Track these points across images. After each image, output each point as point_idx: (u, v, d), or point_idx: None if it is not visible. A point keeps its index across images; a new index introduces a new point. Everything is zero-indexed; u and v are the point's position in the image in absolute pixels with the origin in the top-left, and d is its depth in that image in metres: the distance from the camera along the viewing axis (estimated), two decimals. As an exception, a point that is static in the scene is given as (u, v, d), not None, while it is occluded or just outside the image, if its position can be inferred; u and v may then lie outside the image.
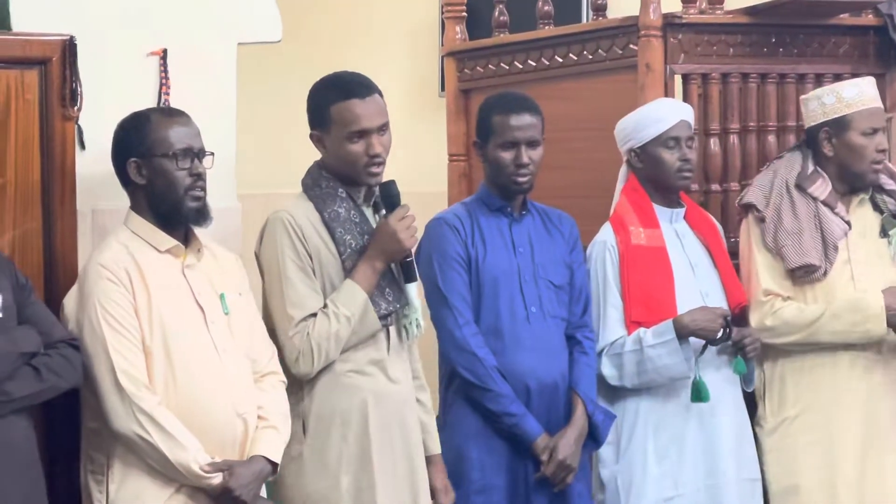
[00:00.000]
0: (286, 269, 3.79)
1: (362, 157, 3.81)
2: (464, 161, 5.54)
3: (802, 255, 4.42)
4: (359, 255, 3.81)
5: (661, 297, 4.30)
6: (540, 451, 4.13)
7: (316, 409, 3.81)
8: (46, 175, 3.77)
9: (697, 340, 4.26)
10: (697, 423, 4.32)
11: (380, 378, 3.86)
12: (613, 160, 4.72)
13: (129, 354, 3.54)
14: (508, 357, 4.15)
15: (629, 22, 4.81)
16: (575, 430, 4.17)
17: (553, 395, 4.20)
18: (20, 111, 3.74)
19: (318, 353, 3.77)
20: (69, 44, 3.78)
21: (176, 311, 3.62)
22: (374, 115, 3.83)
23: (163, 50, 4.06)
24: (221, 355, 3.65)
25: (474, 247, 4.18)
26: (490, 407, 4.12)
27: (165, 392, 3.57)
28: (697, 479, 4.31)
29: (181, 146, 3.64)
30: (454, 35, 5.60)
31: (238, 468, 3.59)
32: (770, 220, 4.47)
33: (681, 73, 4.80)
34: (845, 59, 5.02)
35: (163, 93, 4.03)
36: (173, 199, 3.64)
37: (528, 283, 4.21)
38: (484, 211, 4.24)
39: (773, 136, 4.93)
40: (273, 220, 3.84)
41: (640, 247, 4.34)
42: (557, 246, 4.28)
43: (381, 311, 3.82)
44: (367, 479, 3.81)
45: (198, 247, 3.73)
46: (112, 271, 3.58)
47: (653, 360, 4.24)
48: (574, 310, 4.28)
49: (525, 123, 4.17)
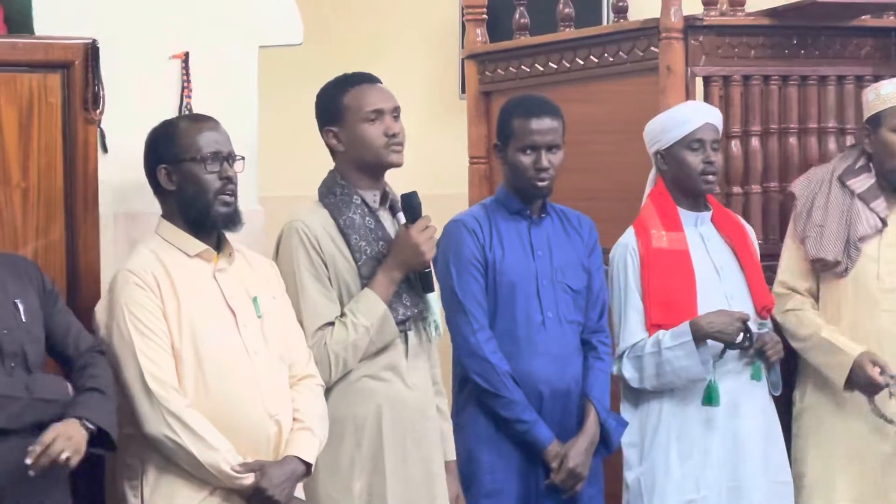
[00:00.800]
0: (302, 278, 3.81)
1: (380, 137, 3.84)
2: (484, 164, 5.54)
3: (819, 249, 4.45)
4: (375, 262, 3.82)
5: (681, 300, 4.30)
6: (551, 459, 4.13)
7: (331, 414, 3.81)
8: (69, 179, 3.78)
9: (717, 343, 4.26)
10: (720, 426, 4.31)
11: (396, 384, 3.86)
12: (634, 163, 4.72)
13: (156, 357, 3.55)
14: (523, 362, 4.14)
15: (650, 24, 4.81)
16: (586, 438, 4.17)
17: (566, 401, 4.19)
18: (43, 115, 3.76)
19: (335, 362, 3.78)
20: (91, 47, 3.79)
21: (206, 315, 3.63)
22: (386, 98, 3.88)
23: (185, 53, 4.06)
24: (252, 357, 3.65)
25: (492, 250, 4.18)
26: (502, 413, 4.12)
27: (196, 394, 3.58)
28: (720, 480, 4.30)
29: (210, 150, 3.65)
30: (475, 37, 5.61)
31: (270, 468, 3.60)
32: (802, 209, 4.51)
33: (702, 76, 4.79)
34: (867, 60, 5.01)
35: (185, 96, 4.04)
36: (203, 203, 3.65)
37: (546, 287, 4.20)
38: (503, 213, 4.24)
39: (795, 139, 4.91)
40: (288, 230, 3.85)
41: (661, 250, 4.34)
42: (576, 249, 4.27)
43: (399, 317, 3.83)
44: (379, 484, 3.81)
45: (229, 251, 3.74)
46: (139, 276, 3.59)
47: (671, 362, 4.24)
48: (590, 314, 4.27)
49: (545, 127, 4.16)
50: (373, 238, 3.85)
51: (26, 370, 3.46)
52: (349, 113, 3.86)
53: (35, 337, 3.50)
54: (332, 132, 3.90)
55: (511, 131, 4.20)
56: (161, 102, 3.97)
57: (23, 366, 3.46)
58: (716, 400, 4.26)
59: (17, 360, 3.44)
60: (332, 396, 3.82)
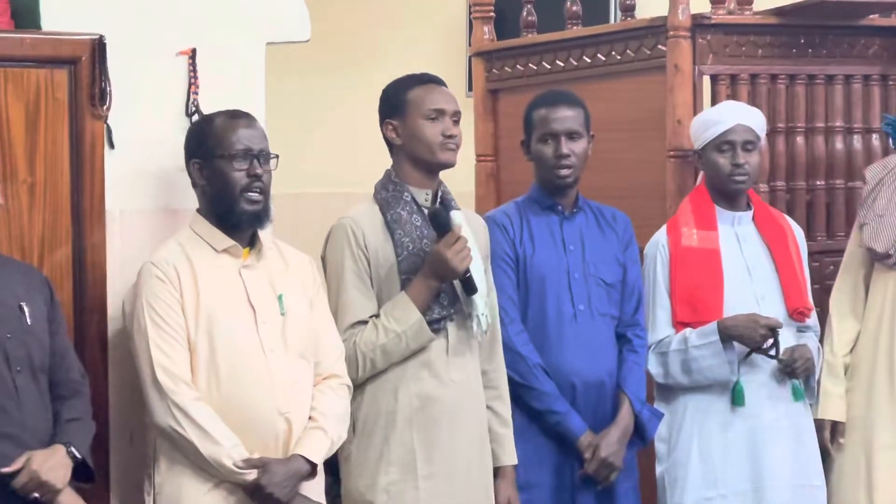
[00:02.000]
0: (343, 274, 3.84)
1: (437, 135, 3.87)
2: (491, 161, 5.54)
3: (872, 239, 4.41)
4: (415, 258, 3.84)
5: (708, 299, 4.31)
6: (584, 449, 4.13)
7: (364, 411, 3.85)
8: (76, 175, 3.78)
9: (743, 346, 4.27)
10: (744, 426, 4.31)
11: (429, 381, 3.86)
12: (641, 160, 4.72)
13: (169, 350, 3.58)
14: (554, 355, 4.16)
15: (658, 22, 4.81)
16: (619, 428, 4.17)
17: (599, 394, 4.20)
18: (50, 110, 3.76)
19: (362, 362, 3.81)
20: (99, 43, 3.79)
21: (225, 310, 3.65)
22: (450, 100, 3.93)
23: (192, 49, 4.06)
24: (268, 355, 3.66)
25: (522, 245, 4.20)
26: (534, 405, 4.14)
27: (208, 389, 3.61)
28: (741, 481, 4.30)
29: (240, 147, 3.67)
30: (482, 35, 5.61)
31: (273, 465, 3.60)
32: (867, 196, 4.48)
33: (709, 74, 4.79)
34: (875, 60, 5.01)
35: (192, 92, 4.04)
36: (229, 199, 3.67)
37: (578, 281, 4.21)
38: (535, 209, 4.26)
39: (802, 138, 4.92)
40: (338, 227, 3.89)
41: (690, 248, 4.35)
42: (611, 244, 4.29)
43: (434, 316, 3.83)
44: (412, 481, 3.82)
45: (260, 247, 3.75)
46: (161, 269, 3.63)
47: (697, 361, 4.26)
48: (625, 308, 4.29)
49: (563, 115, 4.19)
50: (417, 235, 3.86)
51: (32, 375, 3.47)
52: (411, 108, 3.89)
53: (40, 341, 3.51)
54: (392, 125, 3.92)
55: (532, 124, 4.24)
56: (168, 99, 3.97)
57: (28, 370, 3.47)
58: (741, 401, 4.27)
59: (23, 364, 3.45)
60: (367, 393, 3.86)
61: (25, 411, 3.43)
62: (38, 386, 3.49)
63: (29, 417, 3.44)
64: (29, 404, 3.44)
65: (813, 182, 4.93)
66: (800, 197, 4.91)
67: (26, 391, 3.45)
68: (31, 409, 3.45)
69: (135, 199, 3.92)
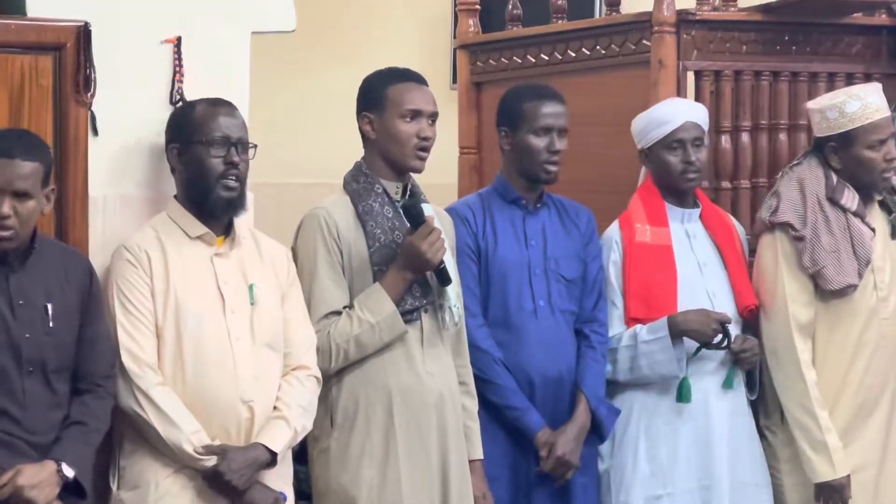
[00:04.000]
0: (316, 265, 3.84)
1: (413, 137, 3.87)
2: (475, 154, 5.55)
3: (844, 276, 4.33)
4: (387, 249, 3.84)
5: (661, 295, 4.30)
6: (540, 446, 4.14)
7: (343, 403, 3.86)
8: (59, 161, 3.77)
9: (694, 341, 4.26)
10: (691, 425, 4.30)
11: (407, 374, 3.87)
12: (624, 156, 4.72)
13: (136, 334, 3.60)
14: (514, 350, 4.16)
15: (643, 17, 4.82)
16: (575, 426, 4.18)
17: (558, 390, 4.21)
18: (34, 97, 3.74)
19: (335, 352, 3.81)
20: (84, 30, 3.78)
21: (194, 297, 3.66)
22: (429, 101, 3.92)
23: (177, 38, 4.05)
24: (234, 343, 3.67)
25: (485, 238, 4.19)
26: (493, 400, 4.14)
27: (173, 374, 3.62)
28: (689, 479, 4.29)
29: (218, 134, 3.69)
30: (467, 28, 5.61)
31: (232, 453, 3.61)
32: (808, 241, 4.35)
33: (693, 70, 4.80)
34: (858, 58, 5.02)
35: (176, 80, 4.03)
36: (204, 185, 3.68)
37: (538, 276, 4.21)
38: (498, 202, 4.26)
39: (785, 135, 4.93)
40: (309, 217, 3.89)
41: (643, 244, 4.34)
42: (572, 239, 4.29)
43: (407, 307, 3.83)
44: (394, 473, 3.83)
45: (235, 236, 3.76)
46: (133, 253, 3.65)
47: (646, 356, 4.25)
48: (585, 304, 4.28)
49: (558, 111, 4.22)
50: (389, 227, 3.87)
51: (44, 377, 3.47)
52: (389, 105, 3.89)
53: (60, 343, 3.50)
54: (368, 118, 3.93)
55: (521, 115, 4.22)
56: (153, 86, 3.96)
57: (41, 373, 3.46)
58: (687, 397, 4.26)
59: (35, 365, 3.45)
60: (345, 386, 3.86)
61: (29, 414, 3.43)
62: (51, 388, 3.48)
63: (32, 420, 3.43)
64: (34, 407, 3.44)
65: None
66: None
67: (34, 394, 3.44)
68: (36, 412, 3.44)
69: (118, 185, 3.91)
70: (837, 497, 4.36)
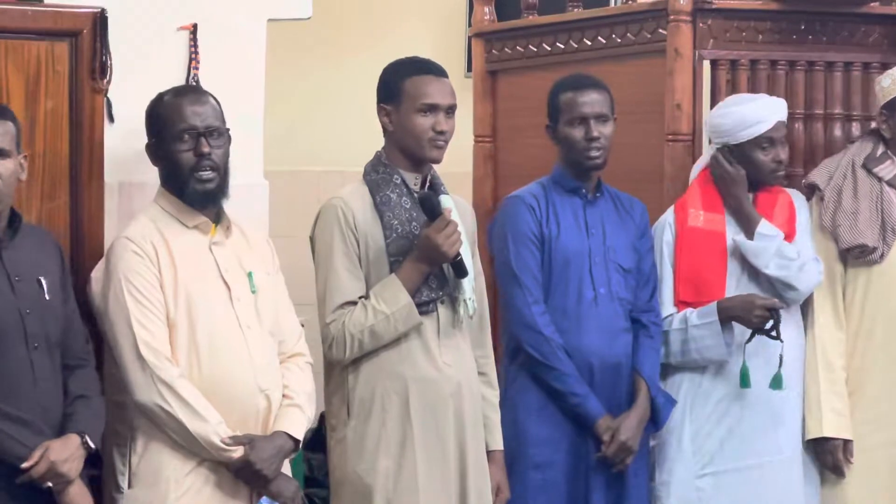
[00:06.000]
0: (333, 255, 3.83)
1: (428, 131, 3.85)
2: (490, 142, 5.54)
3: (857, 236, 4.41)
4: (404, 240, 3.84)
5: (710, 280, 4.34)
6: (602, 432, 4.18)
7: (359, 393, 3.85)
8: (75, 148, 3.78)
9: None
10: (739, 405, 4.33)
11: (423, 364, 3.86)
12: (640, 144, 4.72)
13: (151, 326, 3.57)
14: (574, 337, 4.20)
15: (659, 6, 4.80)
16: (638, 412, 4.22)
17: (616, 377, 4.25)
18: (50, 83, 3.76)
19: (350, 342, 3.79)
20: (100, 17, 3.79)
21: (201, 287, 3.65)
22: (446, 94, 3.89)
23: (193, 25, 4.06)
24: (245, 332, 3.67)
25: (548, 226, 4.24)
26: (555, 385, 4.17)
27: (189, 365, 3.60)
28: (738, 458, 4.33)
29: (183, 126, 3.64)
30: (482, 16, 5.60)
31: (259, 442, 3.61)
32: (829, 200, 4.47)
33: (709, 59, 4.79)
34: (875, 47, 5.00)
35: (192, 68, 4.04)
36: (180, 180, 3.66)
37: (598, 265, 4.25)
38: (559, 191, 4.30)
39: (801, 124, 4.91)
40: (327, 207, 3.87)
41: (695, 229, 4.38)
42: (628, 230, 4.34)
43: (423, 298, 3.83)
44: (410, 464, 3.82)
45: (227, 224, 3.75)
46: (138, 244, 3.61)
47: (696, 341, 4.29)
48: (640, 294, 4.33)
49: (593, 99, 4.25)
50: (406, 218, 3.86)
51: (48, 350, 3.48)
52: (405, 98, 3.87)
53: (56, 315, 3.53)
54: (386, 110, 3.91)
55: (559, 107, 4.27)
56: (168, 73, 3.98)
57: (45, 346, 3.48)
58: (746, 383, 4.28)
59: (40, 340, 3.47)
60: (362, 376, 3.85)
61: (40, 389, 3.44)
62: (53, 361, 3.51)
63: (43, 396, 3.45)
64: (43, 381, 3.46)
65: (811, 168, 4.91)
66: (797, 183, 4.90)
67: (42, 368, 3.46)
68: (46, 386, 3.46)
69: (133, 172, 3.92)
70: (829, 458, 4.41)
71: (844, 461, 4.43)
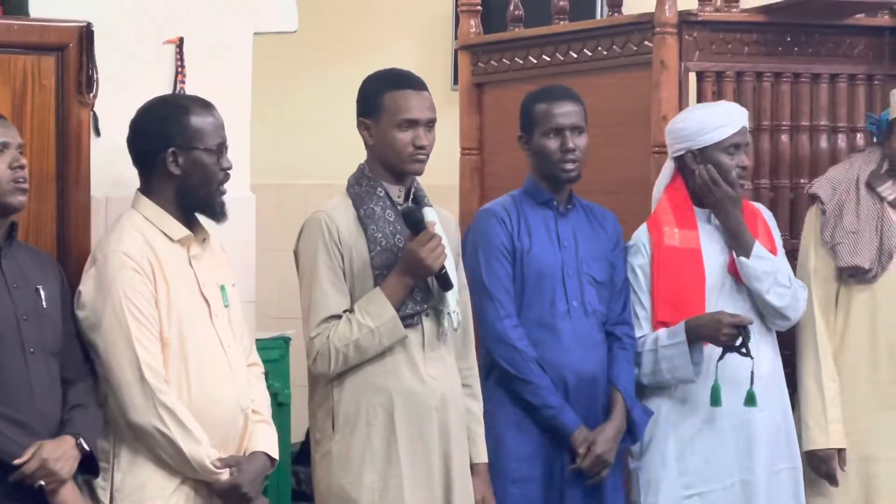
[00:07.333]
0: (317, 268, 3.82)
1: (408, 146, 3.84)
2: (476, 154, 5.54)
3: (854, 256, 4.41)
4: (388, 253, 3.83)
5: (688, 299, 4.30)
6: (578, 444, 4.16)
7: (344, 407, 3.84)
8: (61, 161, 3.77)
9: None
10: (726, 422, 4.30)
11: (408, 377, 3.85)
12: (626, 156, 4.73)
13: (151, 348, 3.56)
14: (548, 350, 4.18)
15: (644, 18, 4.81)
16: (614, 425, 4.20)
17: (591, 389, 4.23)
18: (36, 97, 3.75)
19: (335, 357, 3.79)
20: (86, 30, 3.79)
21: (188, 303, 3.64)
22: (425, 108, 3.88)
23: (179, 39, 4.06)
24: (226, 350, 3.68)
25: (520, 239, 4.22)
26: (529, 399, 4.16)
27: (178, 385, 3.59)
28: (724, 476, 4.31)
29: (218, 140, 3.66)
30: (468, 29, 5.60)
31: (245, 464, 3.63)
32: (831, 215, 4.47)
33: (695, 71, 4.79)
34: (860, 59, 5.02)
35: (178, 81, 4.04)
36: (206, 192, 3.66)
37: (571, 277, 4.24)
38: (531, 203, 4.28)
39: (787, 136, 4.92)
40: (311, 220, 3.87)
41: (673, 248, 4.34)
42: (601, 242, 4.32)
43: (407, 311, 3.83)
44: (395, 477, 3.82)
45: (203, 237, 3.74)
46: (136, 261, 3.59)
47: (666, 360, 4.26)
48: (613, 307, 4.31)
49: (568, 110, 4.23)
50: (390, 231, 3.86)
51: (45, 357, 3.48)
52: (385, 113, 3.86)
53: (54, 324, 3.52)
54: (366, 124, 3.91)
55: (534, 118, 4.25)
56: (154, 87, 3.97)
57: (42, 352, 3.47)
58: (717, 401, 4.25)
59: (37, 346, 3.46)
60: (347, 389, 3.84)
61: (36, 394, 3.44)
62: (49, 368, 3.50)
63: (39, 401, 3.45)
64: (40, 387, 3.45)
65: (797, 180, 4.93)
66: (783, 195, 4.92)
67: (38, 374, 3.46)
68: (42, 391, 3.46)
69: (120, 186, 3.91)
70: (824, 467, 4.43)
71: (837, 469, 4.44)
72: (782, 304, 4.34)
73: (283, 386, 4.99)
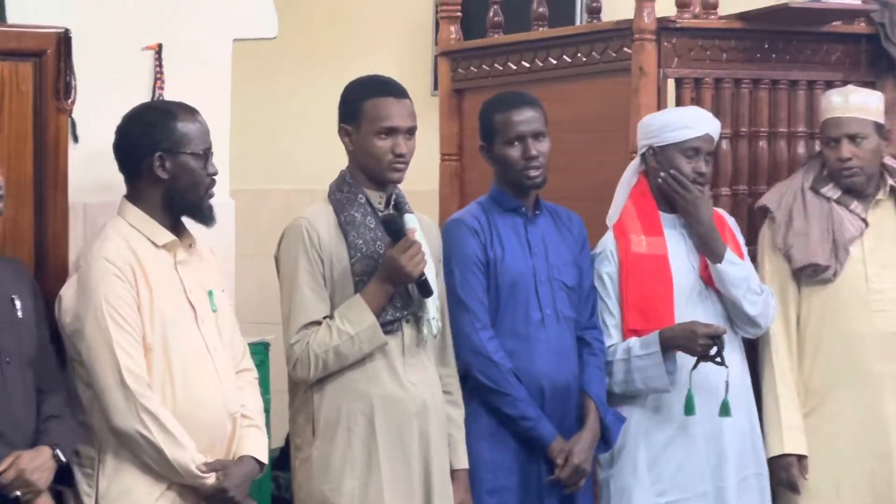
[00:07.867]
0: (297, 275, 3.82)
1: (387, 153, 3.84)
2: (456, 160, 5.54)
3: (808, 255, 4.45)
4: (369, 260, 3.83)
5: (658, 306, 4.30)
6: (556, 455, 4.14)
7: (324, 413, 3.84)
8: (39, 168, 3.77)
9: None
10: (698, 429, 4.31)
11: (389, 383, 3.85)
12: (606, 162, 4.73)
13: (133, 353, 3.55)
14: (524, 359, 4.15)
15: (623, 25, 4.82)
16: (590, 434, 4.19)
17: (565, 397, 4.21)
18: (14, 103, 3.75)
19: (314, 363, 3.79)
20: (64, 37, 3.78)
21: (172, 309, 3.64)
22: (405, 116, 3.88)
23: (158, 45, 4.06)
24: (212, 354, 3.67)
25: (493, 248, 4.19)
26: (506, 410, 4.13)
27: (162, 390, 3.59)
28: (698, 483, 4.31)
29: (204, 146, 3.67)
30: (448, 35, 5.61)
31: (231, 468, 3.63)
32: (781, 221, 4.52)
33: (674, 77, 4.80)
34: (837, 66, 5.04)
35: (157, 88, 4.04)
36: (194, 197, 3.66)
37: (544, 284, 4.22)
38: (499, 211, 4.25)
39: (765, 142, 4.94)
40: (291, 227, 3.87)
41: (639, 255, 4.34)
42: (569, 246, 4.30)
43: (388, 318, 3.83)
44: (376, 483, 3.82)
45: (189, 242, 3.74)
46: (118, 267, 3.59)
47: (640, 371, 4.25)
48: (582, 311, 4.30)
49: (528, 117, 4.20)
50: (371, 237, 3.86)
51: (20, 367, 3.48)
52: (365, 120, 3.86)
53: (30, 333, 3.52)
54: (347, 130, 3.92)
55: (494, 127, 4.22)
56: (133, 94, 3.98)
57: (17, 362, 3.47)
58: (691, 410, 4.25)
59: (13, 356, 3.46)
60: (327, 395, 3.84)
61: (13, 403, 3.44)
62: (25, 378, 3.50)
63: (16, 409, 3.45)
64: (16, 396, 3.45)
65: (774, 186, 4.95)
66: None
67: (15, 383, 3.46)
68: (19, 400, 3.46)
69: (99, 193, 3.91)
70: (784, 475, 4.45)
71: (799, 477, 4.45)
72: (755, 313, 4.36)
73: (263, 391, 4.96)
